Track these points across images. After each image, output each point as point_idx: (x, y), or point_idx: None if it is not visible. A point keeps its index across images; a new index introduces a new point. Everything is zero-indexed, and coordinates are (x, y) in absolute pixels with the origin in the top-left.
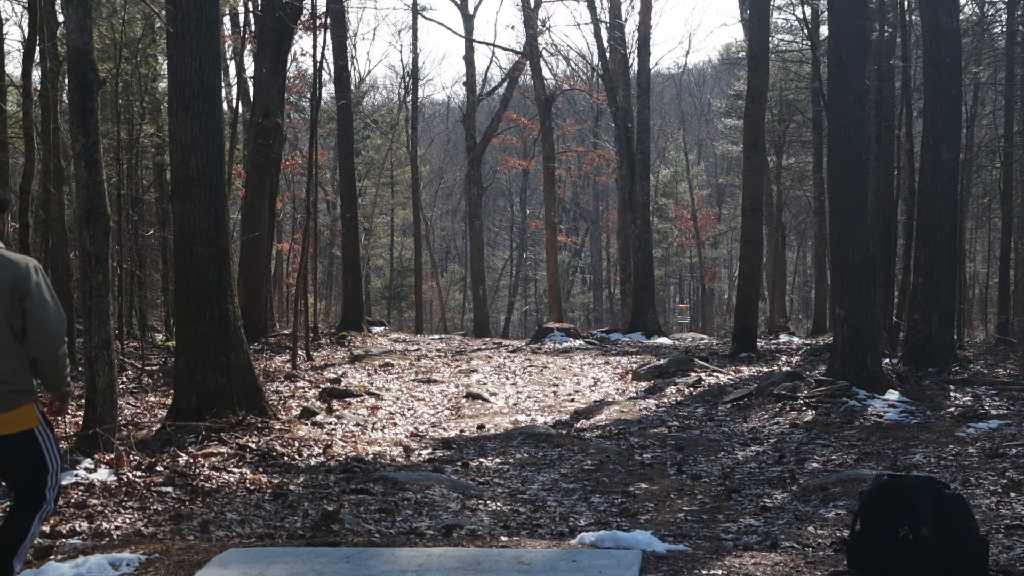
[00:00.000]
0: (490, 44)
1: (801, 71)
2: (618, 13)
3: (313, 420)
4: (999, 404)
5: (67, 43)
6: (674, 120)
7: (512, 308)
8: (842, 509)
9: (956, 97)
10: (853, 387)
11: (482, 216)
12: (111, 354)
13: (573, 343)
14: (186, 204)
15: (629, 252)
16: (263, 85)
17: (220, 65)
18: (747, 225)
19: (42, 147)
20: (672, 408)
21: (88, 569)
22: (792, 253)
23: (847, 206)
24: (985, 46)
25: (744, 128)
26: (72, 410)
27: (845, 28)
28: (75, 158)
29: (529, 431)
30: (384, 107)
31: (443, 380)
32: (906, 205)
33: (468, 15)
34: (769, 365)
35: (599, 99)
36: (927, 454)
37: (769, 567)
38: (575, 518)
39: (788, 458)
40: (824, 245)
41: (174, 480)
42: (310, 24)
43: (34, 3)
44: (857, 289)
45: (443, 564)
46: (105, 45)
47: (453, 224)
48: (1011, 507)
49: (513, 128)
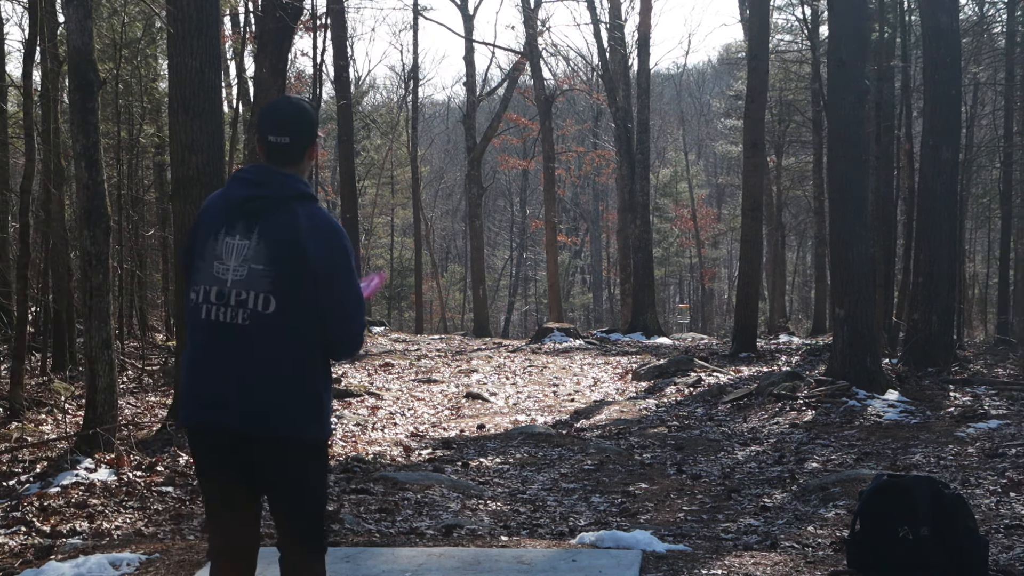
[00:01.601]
0: (490, 44)
1: (801, 71)
2: (618, 13)
3: None
4: (999, 404)
5: (67, 43)
6: (674, 120)
7: (512, 308)
8: (842, 509)
9: (956, 97)
10: (853, 387)
11: (482, 216)
12: (111, 354)
13: (573, 343)
14: (186, 204)
15: (629, 252)
16: (263, 85)
17: (220, 65)
18: (747, 225)
19: (42, 147)
20: (672, 408)
21: (88, 569)
22: (792, 253)
23: (847, 206)
24: (985, 46)
25: (744, 128)
26: (72, 410)
27: (845, 28)
28: (75, 158)
29: (529, 431)
30: (384, 107)
31: (443, 380)
32: (906, 205)
33: (468, 15)
34: (769, 365)
35: (599, 99)
36: (927, 454)
37: (769, 567)
38: (575, 518)
39: (788, 458)
40: (824, 245)
41: (174, 480)
42: (310, 24)
43: (34, 3)
44: (857, 289)
45: (443, 564)
46: (105, 45)
47: (453, 224)
48: (1011, 507)
49: (513, 128)
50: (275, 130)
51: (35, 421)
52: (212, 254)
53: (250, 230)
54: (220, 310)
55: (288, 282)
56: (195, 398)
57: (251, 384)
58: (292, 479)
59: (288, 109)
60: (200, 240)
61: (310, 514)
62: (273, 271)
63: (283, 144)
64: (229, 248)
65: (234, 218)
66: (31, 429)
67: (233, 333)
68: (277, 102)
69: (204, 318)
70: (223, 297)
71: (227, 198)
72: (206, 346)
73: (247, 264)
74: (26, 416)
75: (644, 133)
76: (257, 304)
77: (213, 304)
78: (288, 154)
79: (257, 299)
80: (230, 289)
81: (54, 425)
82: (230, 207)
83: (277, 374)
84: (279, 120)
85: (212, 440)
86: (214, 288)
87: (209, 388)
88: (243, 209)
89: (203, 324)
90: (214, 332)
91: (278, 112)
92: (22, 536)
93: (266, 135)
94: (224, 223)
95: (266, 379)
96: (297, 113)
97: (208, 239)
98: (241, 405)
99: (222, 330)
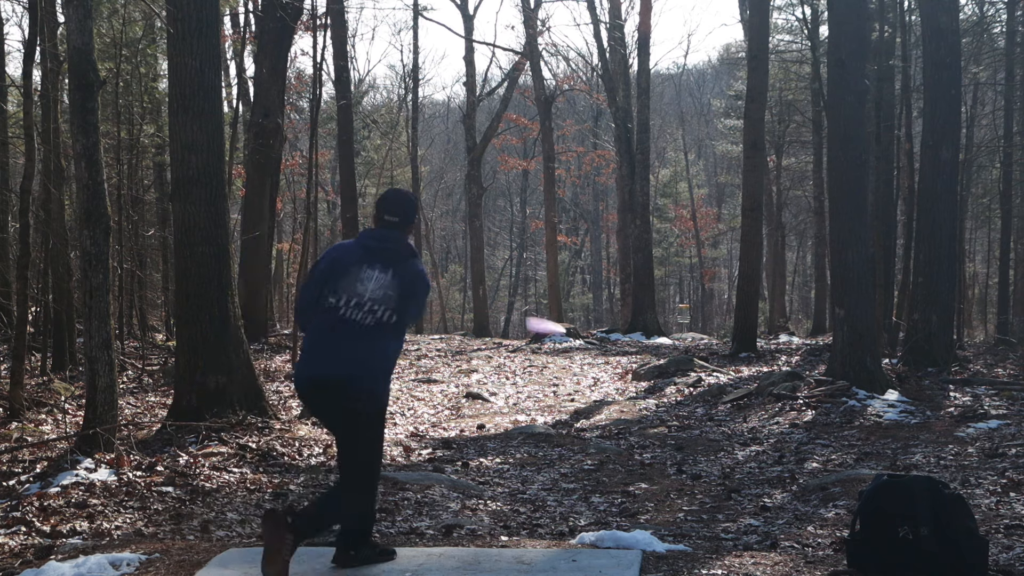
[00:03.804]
0: (490, 44)
1: (801, 71)
2: (618, 13)
3: (313, 420)
4: (999, 404)
5: (67, 43)
6: (674, 120)
7: (512, 308)
8: (842, 509)
9: (956, 97)
10: (853, 387)
11: (482, 216)
12: (111, 354)
13: (573, 343)
14: (186, 204)
15: (629, 252)
16: (263, 85)
17: (220, 65)
18: (747, 225)
19: (42, 147)
20: (672, 408)
21: (88, 569)
22: (792, 253)
23: (847, 206)
24: (985, 46)
25: (744, 128)
26: (72, 410)
27: (845, 28)
28: (75, 158)
29: (529, 431)
30: (384, 107)
31: (443, 380)
32: (906, 205)
33: (468, 15)
34: (769, 365)
35: (599, 99)
36: (927, 454)
37: (769, 567)
38: (575, 518)
39: (788, 458)
40: (824, 245)
41: (174, 480)
42: (310, 24)
43: (34, 3)
44: (857, 289)
45: (443, 564)
46: (105, 45)
47: (453, 224)
48: (1011, 507)
49: (513, 128)
50: (390, 212)
51: (35, 421)
52: (356, 277)
53: (386, 269)
54: (354, 312)
55: (403, 303)
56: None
57: (362, 359)
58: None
59: (399, 198)
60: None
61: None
62: (397, 297)
63: (394, 222)
64: (370, 276)
65: (374, 258)
66: (31, 429)
67: (359, 328)
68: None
69: (341, 315)
70: (361, 306)
71: (365, 247)
72: (335, 332)
73: (383, 289)
74: (26, 416)
75: (644, 133)
76: (383, 315)
77: (351, 308)
78: (398, 227)
79: (384, 311)
80: (367, 301)
81: (54, 425)
82: (370, 250)
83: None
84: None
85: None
86: (354, 299)
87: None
88: (381, 255)
89: (339, 318)
90: (346, 325)
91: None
92: (22, 536)
93: (383, 215)
94: (366, 260)
95: (371, 358)
96: (407, 201)
97: (350, 267)
98: (350, 369)
99: (352, 325)
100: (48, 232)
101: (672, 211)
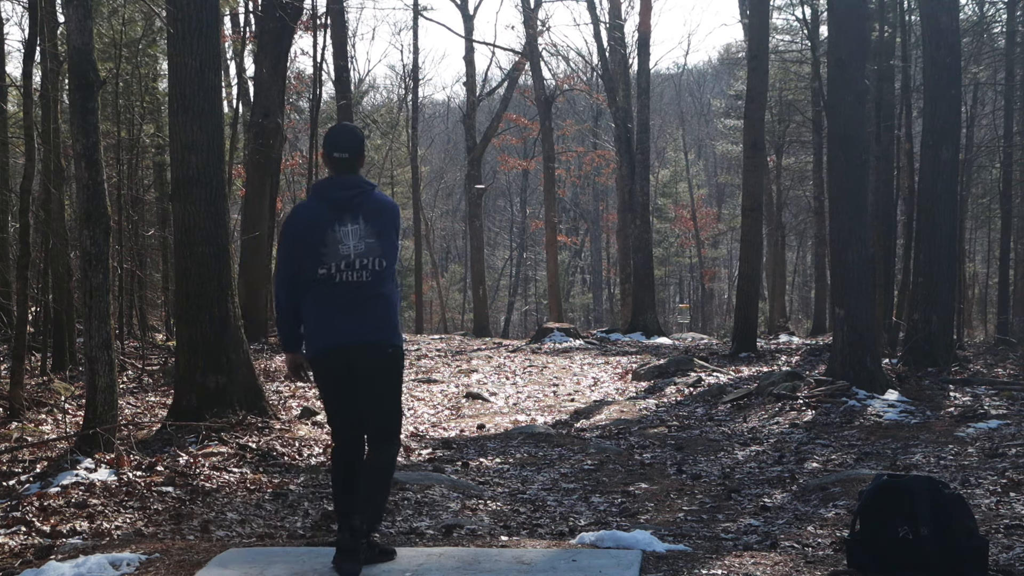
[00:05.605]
0: (490, 44)
1: (801, 71)
2: (618, 13)
3: (313, 420)
4: (999, 404)
5: (67, 43)
6: (674, 120)
7: (512, 308)
8: (842, 509)
9: (956, 97)
10: (853, 387)
11: (482, 216)
12: (111, 354)
13: (573, 343)
14: (186, 204)
15: (629, 252)
16: (263, 85)
17: (220, 65)
18: (747, 225)
19: (42, 147)
20: (672, 408)
21: (88, 569)
22: (792, 253)
23: (847, 206)
24: (985, 46)
25: (744, 128)
26: (72, 410)
27: (845, 28)
28: (75, 158)
29: (529, 431)
30: (384, 107)
31: (443, 380)
32: (906, 205)
33: (468, 15)
34: (769, 365)
35: (599, 99)
36: (927, 454)
37: (769, 567)
38: (575, 518)
39: (788, 458)
40: (824, 245)
41: (174, 480)
42: (310, 24)
43: (34, 3)
44: (857, 289)
45: (443, 564)
46: (105, 45)
47: (453, 224)
48: (1011, 507)
49: (513, 128)
50: (339, 148)
51: (35, 421)
52: (336, 239)
53: (356, 217)
54: (348, 274)
55: (384, 241)
56: (332, 331)
57: (372, 315)
58: (387, 370)
59: (345, 131)
60: (314, 236)
61: (393, 404)
62: (377, 240)
63: (344, 157)
64: (347, 232)
65: (343, 211)
66: (31, 429)
67: (358, 287)
68: (339, 127)
69: (337, 281)
70: (351, 265)
71: (330, 201)
72: (339, 297)
73: (363, 240)
74: (26, 416)
75: (644, 133)
76: (375, 265)
77: (343, 271)
78: (349, 163)
79: (373, 260)
80: (355, 258)
81: (54, 425)
82: (336, 203)
83: (388, 304)
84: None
85: (338, 357)
86: (343, 261)
87: (342, 324)
88: (347, 205)
89: (336, 284)
90: (346, 288)
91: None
92: (22, 536)
93: (332, 152)
94: (336, 218)
95: (381, 310)
96: (352, 134)
97: (325, 232)
98: (363, 326)
99: (351, 287)
100: (48, 232)
101: (672, 211)
